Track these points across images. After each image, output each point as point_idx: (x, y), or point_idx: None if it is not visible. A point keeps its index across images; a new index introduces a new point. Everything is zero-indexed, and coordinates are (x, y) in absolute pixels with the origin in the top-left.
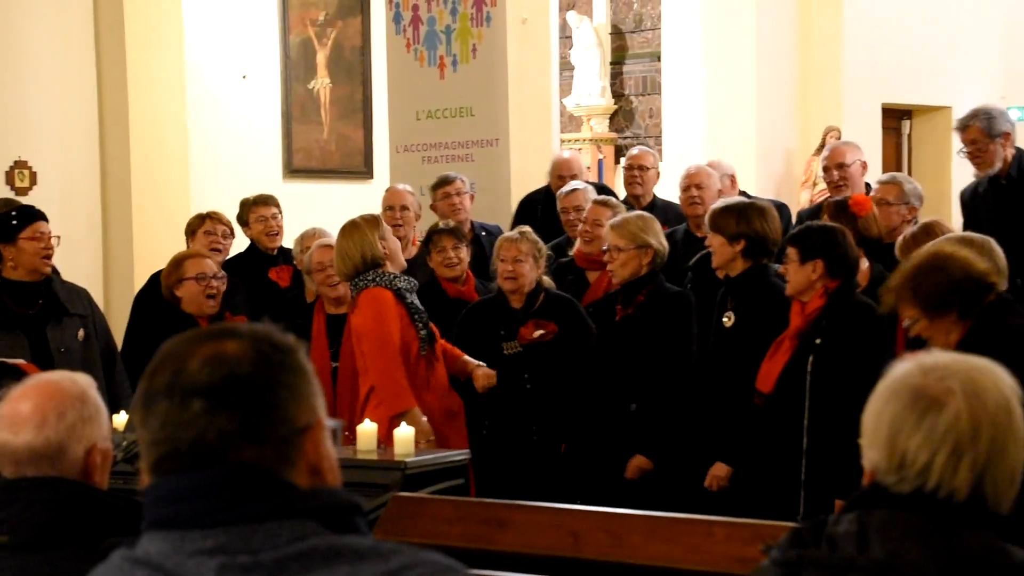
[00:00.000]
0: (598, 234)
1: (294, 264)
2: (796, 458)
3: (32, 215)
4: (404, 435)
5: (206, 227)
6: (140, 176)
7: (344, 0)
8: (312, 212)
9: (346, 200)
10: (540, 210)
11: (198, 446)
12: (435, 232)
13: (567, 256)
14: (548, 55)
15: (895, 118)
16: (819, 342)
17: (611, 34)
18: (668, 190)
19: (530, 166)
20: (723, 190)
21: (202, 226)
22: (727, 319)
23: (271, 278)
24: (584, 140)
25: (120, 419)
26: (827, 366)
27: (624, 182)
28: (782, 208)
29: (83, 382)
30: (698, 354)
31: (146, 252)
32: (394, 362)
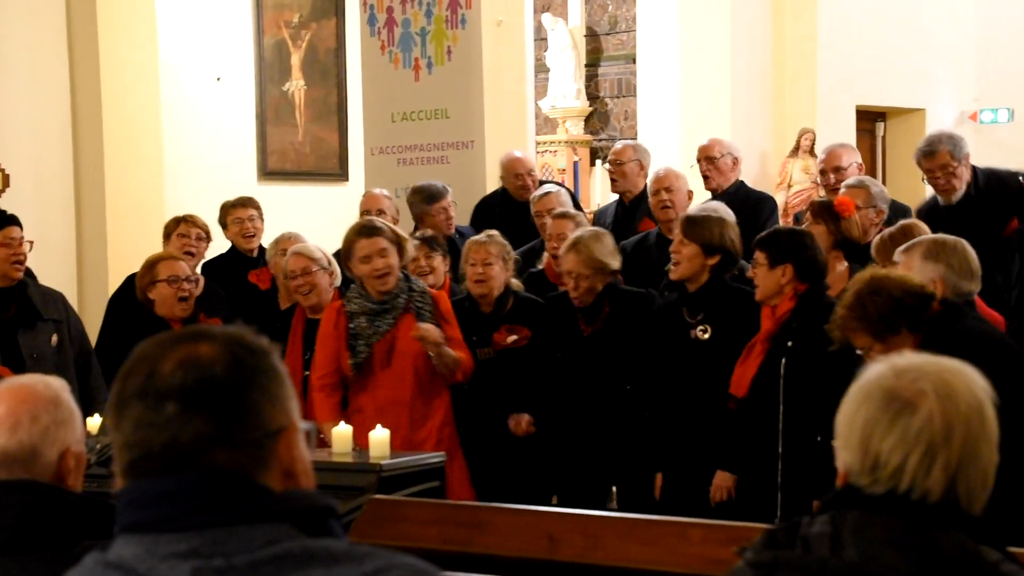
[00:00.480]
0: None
1: None
2: (772, 461)
3: (2, 220)
4: (380, 437)
5: (180, 230)
6: (114, 178)
7: (318, 2)
8: (287, 214)
9: (321, 202)
10: (499, 212)
11: (171, 449)
12: None
13: (538, 262)
14: (523, 57)
15: (869, 120)
16: (791, 344)
17: (586, 36)
18: None
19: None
20: (724, 169)
21: (176, 228)
22: (703, 333)
23: (251, 281)
24: (559, 142)
25: (94, 422)
26: (799, 368)
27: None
28: (768, 201)
29: (56, 385)
30: (668, 366)
31: (120, 254)
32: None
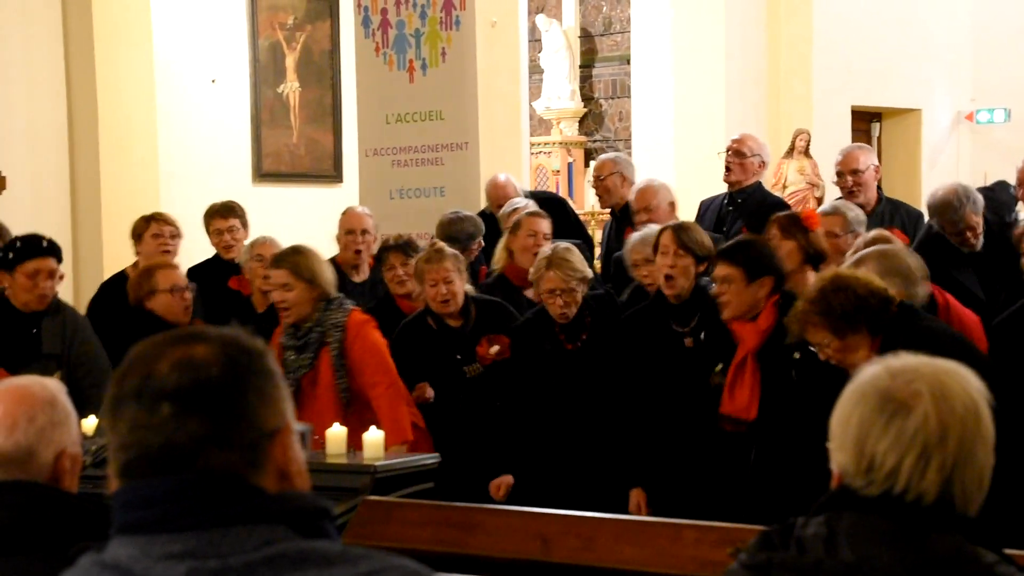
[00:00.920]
0: (542, 243)
1: None
2: (789, 472)
3: (31, 252)
4: (373, 439)
5: (153, 230)
6: (109, 180)
7: (313, 4)
8: (282, 216)
9: (315, 204)
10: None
11: (167, 450)
12: (385, 249)
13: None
14: (517, 58)
15: (865, 120)
16: (799, 356)
17: (580, 37)
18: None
19: (500, 169)
20: (749, 168)
21: (148, 229)
22: (689, 340)
23: (232, 287)
24: (553, 143)
25: (89, 424)
26: (816, 377)
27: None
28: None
29: (53, 387)
30: (657, 373)
31: (116, 256)
32: None
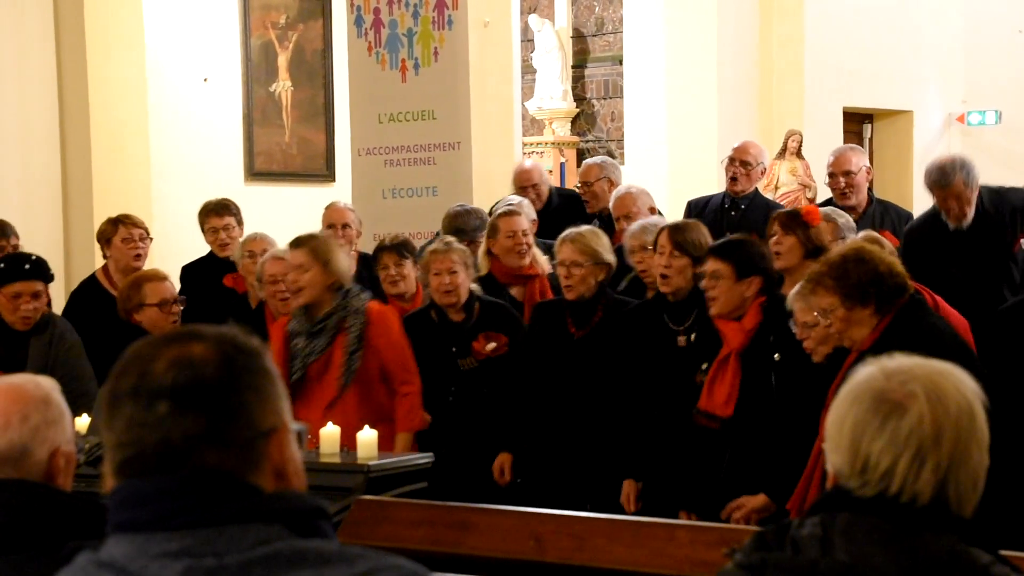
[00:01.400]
0: (529, 242)
1: None
2: (759, 475)
3: (13, 275)
4: (367, 438)
5: (122, 233)
6: (101, 179)
7: (305, 3)
8: (274, 215)
9: (308, 203)
10: None
11: (163, 449)
12: (380, 249)
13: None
14: (510, 58)
15: (856, 122)
16: (778, 357)
17: (573, 38)
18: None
19: (492, 169)
20: (754, 178)
21: (117, 232)
22: (682, 338)
23: (227, 285)
24: (546, 143)
25: (83, 422)
26: (793, 380)
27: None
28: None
29: (46, 385)
30: (651, 370)
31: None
32: None
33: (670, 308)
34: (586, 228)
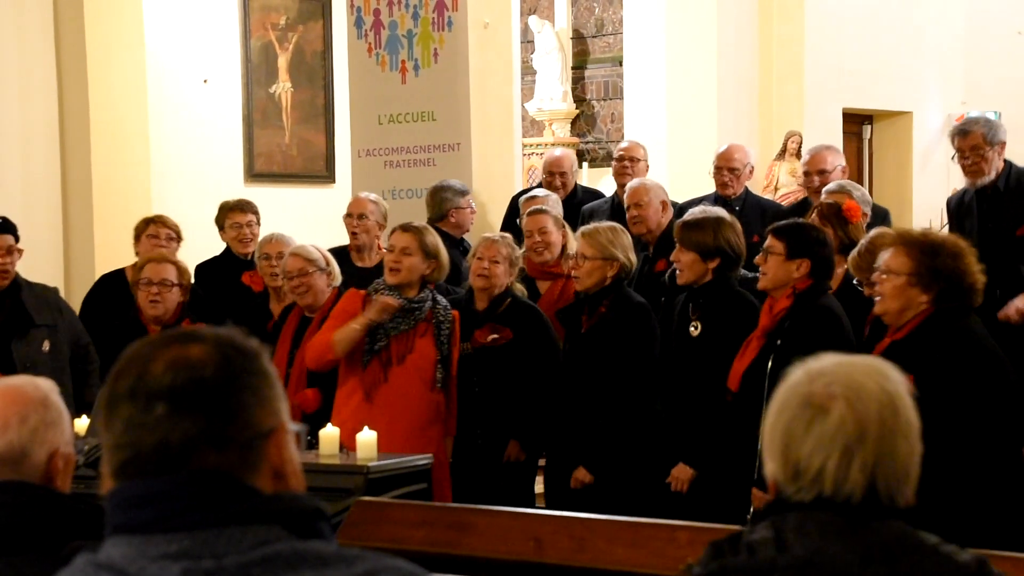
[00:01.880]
0: (548, 241)
1: None
2: (751, 457)
3: None
4: (366, 439)
5: (149, 231)
6: (101, 180)
7: (305, 4)
8: (274, 216)
9: (308, 205)
10: None
11: (161, 450)
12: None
13: None
14: (510, 59)
15: (856, 123)
16: (779, 343)
17: (573, 39)
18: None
19: (492, 170)
20: (743, 180)
21: (146, 230)
22: (693, 328)
23: (244, 283)
24: (546, 144)
25: (82, 423)
26: (784, 368)
27: (614, 172)
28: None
29: (45, 387)
30: (663, 362)
31: (107, 256)
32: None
33: (688, 297)
34: (606, 224)
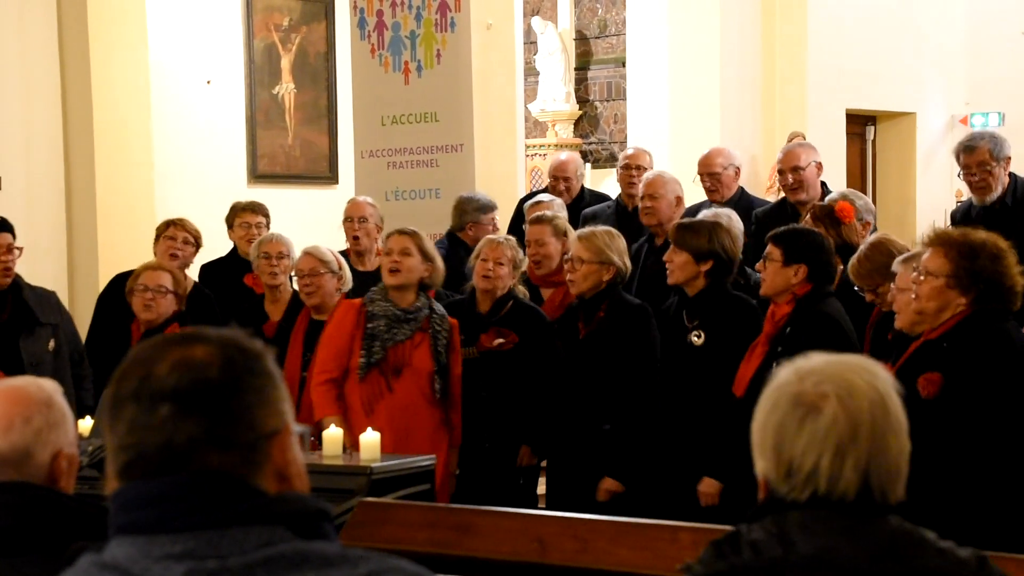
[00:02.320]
0: (546, 253)
1: None
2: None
3: None
4: (370, 440)
5: (168, 232)
6: (104, 182)
7: (308, 5)
8: (277, 217)
9: (311, 205)
10: None
11: (165, 451)
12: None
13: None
14: (513, 60)
15: (859, 124)
16: (780, 350)
17: (576, 39)
18: None
19: (495, 171)
20: (727, 182)
21: (165, 231)
22: (697, 338)
23: (247, 284)
24: (549, 146)
25: (85, 425)
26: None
27: (620, 181)
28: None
29: (49, 387)
30: (665, 370)
31: (111, 258)
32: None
33: (688, 304)
34: (602, 228)
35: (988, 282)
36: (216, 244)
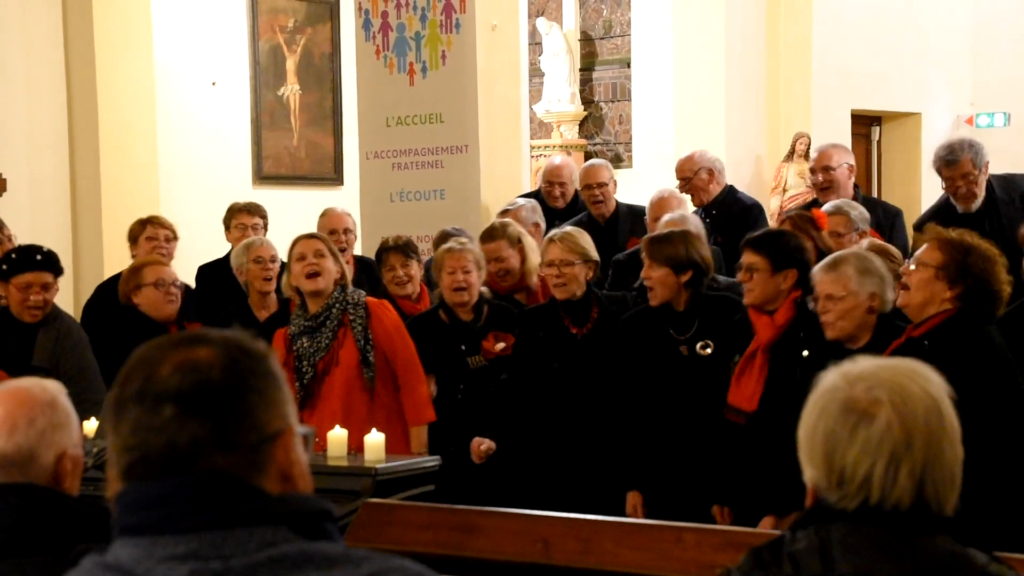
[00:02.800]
0: (508, 266)
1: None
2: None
3: (24, 265)
4: (374, 441)
5: (147, 232)
6: (110, 183)
7: (313, 7)
8: (282, 219)
9: (316, 207)
10: None
11: (169, 452)
12: (384, 250)
13: None
14: (517, 61)
15: (864, 124)
16: (807, 354)
17: (580, 40)
18: (640, 196)
19: (500, 172)
20: (701, 185)
21: (143, 232)
22: (703, 348)
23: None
24: (554, 146)
25: (90, 426)
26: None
27: (587, 202)
28: (754, 208)
29: (53, 389)
30: (656, 381)
31: (116, 258)
32: None
33: (673, 317)
34: (571, 228)
35: (976, 280)
36: (220, 245)
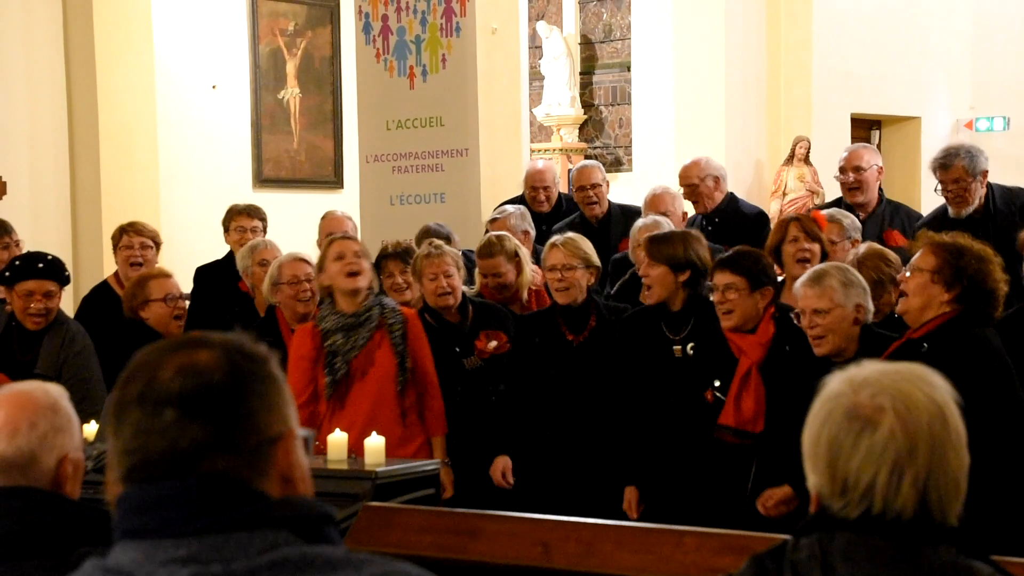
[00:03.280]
0: (506, 281)
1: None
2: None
3: (27, 272)
4: (374, 445)
5: (123, 241)
6: (110, 186)
7: (313, 10)
8: (282, 222)
9: (316, 210)
10: None
11: (170, 455)
12: (383, 257)
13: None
14: (518, 65)
15: (864, 128)
16: (800, 370)
17: (581, 44)
18: (640, 199)
19: (500, 176)
20: (706, 192)
21: (121, 240)
22: (690, 349)
23: (242, 289)
24: (554, 150)
25: (91, 429)
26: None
27: (580, 203)
28: (759, 217)
29: (55, 392)
30: (657, 381)
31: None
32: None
33: (667, 317)
34: (573, 233)
35: (972, 280)
36: (220, 249)
